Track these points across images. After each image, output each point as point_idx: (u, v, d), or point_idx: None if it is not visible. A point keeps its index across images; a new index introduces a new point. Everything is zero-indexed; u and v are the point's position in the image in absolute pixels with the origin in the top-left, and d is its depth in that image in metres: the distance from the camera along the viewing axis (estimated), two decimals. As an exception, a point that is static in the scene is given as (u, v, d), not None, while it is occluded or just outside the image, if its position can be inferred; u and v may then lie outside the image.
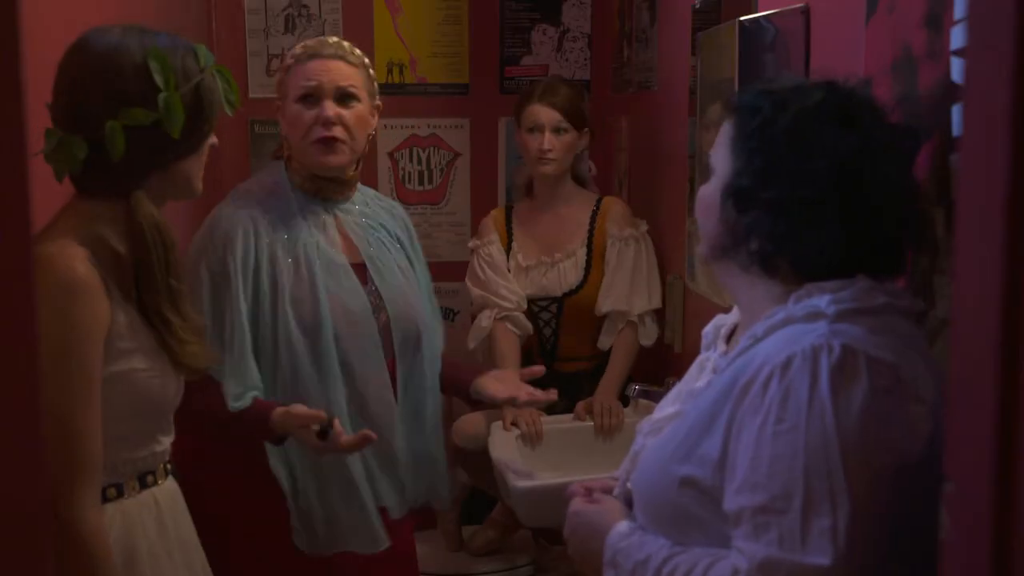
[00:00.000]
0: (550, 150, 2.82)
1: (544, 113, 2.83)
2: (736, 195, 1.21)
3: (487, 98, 3.56)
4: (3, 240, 0.63)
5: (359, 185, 2.23)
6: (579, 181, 3.00)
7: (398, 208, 2.32)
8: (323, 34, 3.45)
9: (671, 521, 1.21)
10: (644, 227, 2.88)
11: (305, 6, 3.44)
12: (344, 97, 2.07)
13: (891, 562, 1.06)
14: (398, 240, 2.23)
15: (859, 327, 1.10)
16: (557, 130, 2.83)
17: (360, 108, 2.09)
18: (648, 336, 2.82)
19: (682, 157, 2.66)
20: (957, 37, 1.25)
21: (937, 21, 1.31)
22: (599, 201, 2.94)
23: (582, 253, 2.88)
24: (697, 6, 2.48)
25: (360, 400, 2.06)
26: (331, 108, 2.04)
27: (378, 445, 2.01)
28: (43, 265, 1.35)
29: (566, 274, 2.87)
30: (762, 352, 1.13)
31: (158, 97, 1.43)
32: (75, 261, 1.39)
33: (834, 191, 1.15)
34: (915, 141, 1.24)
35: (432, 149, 3.56)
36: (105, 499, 1.47)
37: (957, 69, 1.26)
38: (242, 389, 1.94)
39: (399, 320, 2.11)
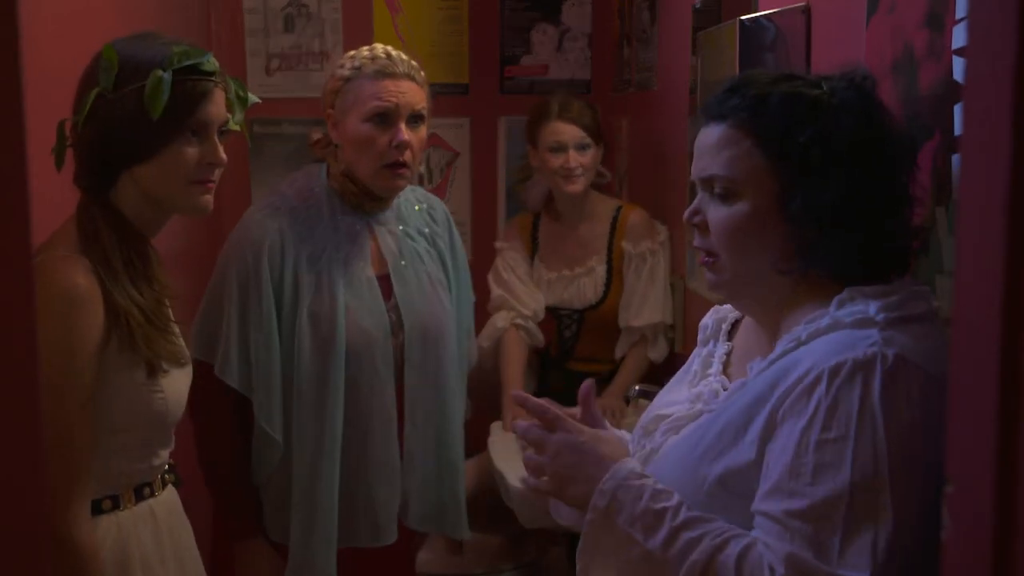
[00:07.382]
0: (577, 167, 2.77)
1: (567, 131, 2.78)
2: (817, 212, 1.14)
3: (487, 98, 3.56)
4: (3, 243, 0.63)
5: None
6: (598, 188, 2.97)
7: (439, 208, 2.26)
8: (322, 34, 3.45)
9: None
10: (663, 235, 2.83)
11: (305, 5, 3.44)
12: (415, 120, 2.03)
13: (925, 571, 1.04)
14: (435, 247, 2.18)
15: (907, 336, 1.08)
16: (581, 147, 2.78)
17: (423, 130, 2.06)
18: (658, 352, 2.79)
19: (682, 157, 2.66)
20: (958, 36, 1.25)
21: (938, 20, 1.30)
22: (618, 211, 2.88)
23: (602, 270, 2.85)
24: (697, 6, 2.48)
25: (362, 416, 2.03)
26: (406, 133, 2.00)
27: (375, 460, 2.02)
28: (44, 275, 1.35)
29: (585, 290, 2.87)
30: (807, 356, 1.10)
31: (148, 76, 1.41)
32: (75, 272, 1.38)
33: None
34: (914, 142, 1.24)
35: (432, 149, 3.55)
36: (100, 511, 1.46)
37: (958, 68, 1.25)
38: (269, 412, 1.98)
39: (418, 337, 2.07)
